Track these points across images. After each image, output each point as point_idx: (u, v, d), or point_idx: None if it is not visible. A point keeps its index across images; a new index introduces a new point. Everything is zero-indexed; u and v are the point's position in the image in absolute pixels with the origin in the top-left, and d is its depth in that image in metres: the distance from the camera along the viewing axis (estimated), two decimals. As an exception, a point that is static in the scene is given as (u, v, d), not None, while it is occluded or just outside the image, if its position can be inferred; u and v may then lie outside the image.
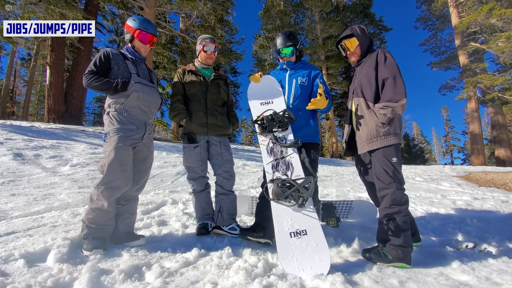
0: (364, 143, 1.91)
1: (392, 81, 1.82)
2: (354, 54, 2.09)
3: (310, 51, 19.79)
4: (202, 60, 2.44)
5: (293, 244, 1.62)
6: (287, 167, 1.89)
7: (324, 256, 1.55)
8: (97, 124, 30.13)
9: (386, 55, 1.92)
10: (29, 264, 1.42)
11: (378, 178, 1.83)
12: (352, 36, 2.06)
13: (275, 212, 1.74)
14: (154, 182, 4.27)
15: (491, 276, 1.58)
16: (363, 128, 1.91)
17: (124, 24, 2.10)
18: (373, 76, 1.91)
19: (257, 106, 2.18)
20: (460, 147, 41.99)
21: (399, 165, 1.82)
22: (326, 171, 7.59)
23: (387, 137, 1.82)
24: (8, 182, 3.17)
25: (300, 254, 1.58)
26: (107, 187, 1.76)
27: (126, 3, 12.63)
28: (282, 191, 1.72)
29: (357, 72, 2.10)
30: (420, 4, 22.01)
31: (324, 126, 30.42)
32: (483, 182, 7.19)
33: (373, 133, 1.85)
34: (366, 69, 1.97)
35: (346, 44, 2.09)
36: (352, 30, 2.08)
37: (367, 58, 2.02)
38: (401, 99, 1.79)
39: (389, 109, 1.80)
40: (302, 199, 1.66)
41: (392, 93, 1.81)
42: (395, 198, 1.75)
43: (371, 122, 1.86)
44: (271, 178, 1.86)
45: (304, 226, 1.67)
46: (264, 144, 2.01)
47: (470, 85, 16.10)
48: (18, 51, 23.19)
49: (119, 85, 1.86)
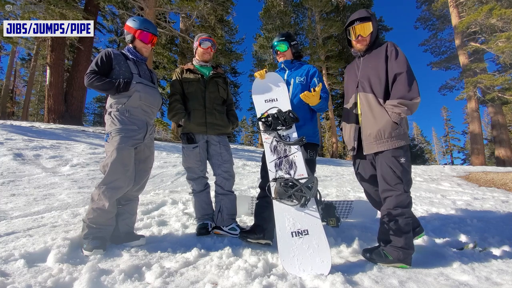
0: (373, 143, 1.78)
1: (406, 77, 1.69)
2: (363, 41, 1.89)
3: (310, 51, 19.79)
4: (200, 56, 2.44)
5: (294, 243, 1.61)
6: (290, 166, 1.87)
7: (325, 257, 1.55)
8: (97, 124, 30.13)
9: (397, 49, 1.79)
10: (29, 264, 1.43)
11: (384, 179, 1.74)
12: (368, 20, 1.84)
13: (277, 211, 1.73)
14: (154, 182, 4.27)
15: (491, 276, 1.58)
16: (373, 127, 1.77)
17: (124, 25, 2.10)
18: (383, 70, 1.77)
19: (261, 103, 2.13)
20: (460, 147, 42.02)
21: (408, 166, 1.74)
22: (326, 171, 7.59)
23: (398, 137, 1.72)
24: (8, 182, 3.17)
25: (301, 254, 1.57)
26: (108, 187, 1.76)
27: (126, 3, 12.63)
28: (285, 190, 1.71)
29: (360, 63, 1.93)
30: (420, 4, 22.01)
31: (324, 126, 30.41)
32: (483, 182, 7.19)
33: (384, 133, 1.73)
34: (375, 61, 1.83)
35: (358, 28, 1.85)
36: (369, 13, 1.85)
37: (375, 50, 1.86)
38: (416, 97, 1.67)
39: (404, 108, 1.67)
40: (305, 199, 1.66)
41: (406, 90, 1.68)
42: (400, 200, 1.70)
43: (382, 120, 1.73)
44: (274, 177, 1.84)
45: (306, 226, 1.66)
46: (268, 142, 1.98)
47: (470, 85, 16.10)
48: (18, 51, 23.23)
49: (121, 85, 1.86)
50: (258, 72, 2.22)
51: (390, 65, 1.77)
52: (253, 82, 2.21)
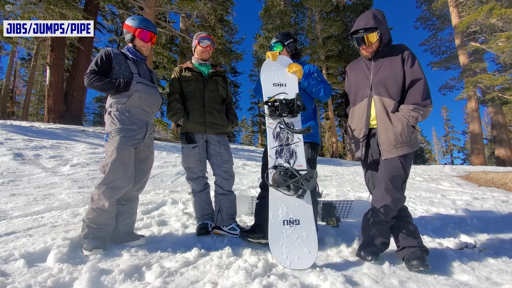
0: (393, 148, 1.73)
1: (423, 85, 1.72)
2: (369, 49, 1.85)
3: (310, 51, 19.79)
4: (198, 55, 2.43)
5: (285, 232, 1.66)
6: (290, 154, 1.86)
7: (312, 249, 1.60)
8: (97, 124, 30.12)
9: (413, 54, 1.79)
10: (29, 264, 1.42)
11: (390, 180, 1.71)
12: (373, 30, 1.79)
13: (272, 198, 1.75)
14: (154, 182, 4.27)
15: (491, 276, 1.58)
16: (390, 131, 1.74)
17: (124, 25, 2.10)
18: (401, 75, 1.76)
19: (269, 86, 2.04)
20: (460, 147, 42.01)
21: (409, 171, 1.77)
22: (326, 171, 7.59)
23: (415, 141, 1.74)
24: (8, 182, 3.16)
25: (290, 242, 1.63)
26: (108, 187, 1.76)
27: (126, 3, 12.62)
28: (283, 180, 1.72)
29: (371, 65, 1.88)
30: (420, 4, 22.00)
31: (324, 126, 30.40)
32: (483, 182, 7.19)
33: (403, 137, 1.71)
34: (391, 66, 1.80)
35: (365, 37, 1.81)
36: (376, 21, 1.78)
37: (389, 53, 1.83)
38: (429, 106, 1.72)
39: (421, 113, 1.70)
40: (302, 190, 1.67)
41: (421, 97, 1.70)
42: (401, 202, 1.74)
43: (400, 124, 1.72)
44: (274, 164, 1.83)
45: (298, 216, 1.70)
46: (271, 127, 1.93)
47: (470, 85, 16.09)
48: (18, 51, 23.18)
49: (121, 85, 1.86)
50: (271, 52, 2.13)
51: (407, 70, 1.77)
52: (264, 62, 2.12)
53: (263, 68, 2.10)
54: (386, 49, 1.85)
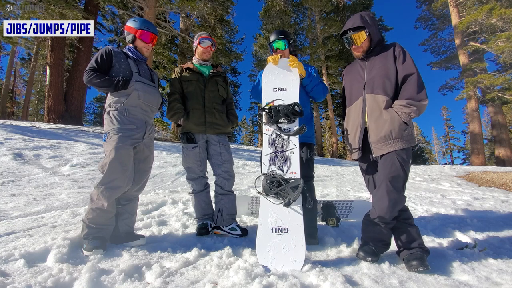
0: (382, 144, 1.74)
1: (416, 79, 1.71)
2: (359, 49, 1.88)
3: (310, 51, 19.79)
4: (199, 55, 2.43)
5: (272, 240, 1.67)
6: (284, 162, 1.85)
7: (298, 258, 1.60)
8: (97, 124, 30.12)
9: (405, 51, 1.79)
10: (29, 264, 1.43)
11: (390, 181, 1.69)
12: (361, 29, 1.83)
13: (262, 205, 1.76)
14: (154, 182, 4.27)
15: (491, 276, 1.58)
16: (382, 128, 1.74)
17: (125, 26, 2.10)
18: (393, 71, 1.77)
19: (269, 91, 2.03)
20: (460, 147, 42.02)
21: (408, 169, 1.74)
22: (326, 171, 7.59)
23: (407, 138, 1.72)
24: (8, 182, 3.17)
25: (276, 250, 1.63)
26: (107, 187, 1.76)
27: (126, 3, 12.62)
28: (269, 188, 1.73)
29: (364, 65, 1.91)
30: (420, 4, 22.01)
31: (324, 126, 30.40)
32: (483, 182, 7.19)
33: (393, 133, 1.71)
34: (383, 63, 1.81)
35: (354, 37, 1.85)
36: (363, 21, 1.83)
37: (381, 52, 1.85)
38: (424, 99, 1.69)
39: (414, 108, 1.68)
40: (288, 199, 1.67)
41: (415, 91, 1.69)
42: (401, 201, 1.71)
43: (391, 121, 1.72)
44: (265, 172, 1.83)
45: (287, 224, 1.69)
46: (268, 134, 1.93)
47: (470, 85, 16.09)
48: (18, 51, 23.19)
49: (120, 83, 1.86)
50: (272, 56, 2.10)
51: (399, 66, 1.77)
52: (265, 67, 2.10)
53: (264, 74, 2.07)
54: (378, 49, 1.87)
